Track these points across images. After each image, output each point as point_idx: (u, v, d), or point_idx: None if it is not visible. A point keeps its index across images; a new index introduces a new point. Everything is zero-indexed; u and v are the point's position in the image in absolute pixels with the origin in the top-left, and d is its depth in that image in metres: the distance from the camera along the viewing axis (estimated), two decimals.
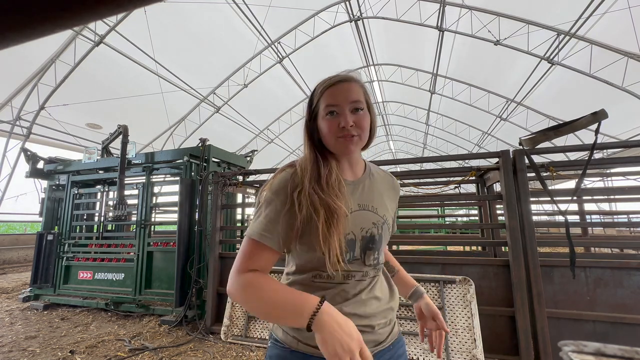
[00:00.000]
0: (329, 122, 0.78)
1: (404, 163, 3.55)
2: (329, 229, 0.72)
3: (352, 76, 0.82)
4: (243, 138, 13.57)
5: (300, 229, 0.75)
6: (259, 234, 0.74)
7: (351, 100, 0.78)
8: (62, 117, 8.37)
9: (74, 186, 4.74)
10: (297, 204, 0.74)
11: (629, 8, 6.18)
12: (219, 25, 8.24)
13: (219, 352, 2.80)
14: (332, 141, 0.79)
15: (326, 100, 0.79)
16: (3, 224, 10.96)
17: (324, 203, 0.73)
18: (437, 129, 15.78)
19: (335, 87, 0.79)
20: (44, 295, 4.47)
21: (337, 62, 11.63)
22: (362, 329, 0.77)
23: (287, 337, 0.79)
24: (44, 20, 0.20)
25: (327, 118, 0.78)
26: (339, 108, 0.77)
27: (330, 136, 0.78)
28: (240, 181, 3.71)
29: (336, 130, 0.77)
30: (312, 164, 0.78)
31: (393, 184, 0.94)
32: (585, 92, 8.57)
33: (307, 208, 0.74)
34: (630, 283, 2.34)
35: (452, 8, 7.98)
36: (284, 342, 0.79)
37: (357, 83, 0.81)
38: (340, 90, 0.78)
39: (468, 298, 2.55)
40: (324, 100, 0.79)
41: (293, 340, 0.78)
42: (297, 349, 0.77)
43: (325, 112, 0.79)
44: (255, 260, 0.75)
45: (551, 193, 2.49)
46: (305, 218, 0.74)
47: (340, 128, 0.77)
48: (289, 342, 0.78)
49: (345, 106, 0.77)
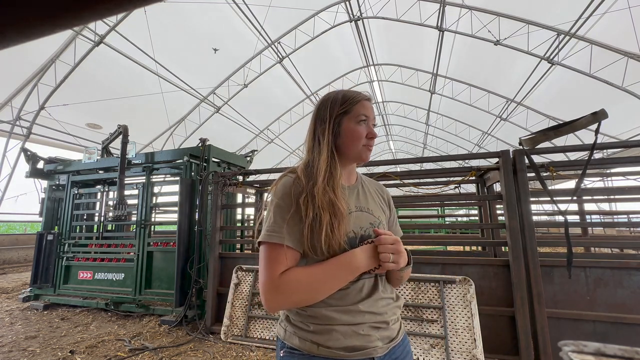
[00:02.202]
0: (361, 129, 0.86)
1: (404, 163, 3.55)
2: (332, 228, 0.76)
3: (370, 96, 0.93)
4: (243, 138, 13.57)
5: (309, 234, 0.77)
6: (273, 236, 0.77)
7: (374, 117, 0.90)
8: (62, 117, 8.37)
9: (74, 186, 4.73)
10: (303, 209, 0.78)
11: (629, 8, 6.18)
12: (219, 25, 8.24)
13: (219, 352, 2.80)
14: (358, 147, 0.87)
15: (361, 108, 0.87)
16: (3, 224, 10.96)
17: (333, 202, 0.78)
18: (437, 129, 15.78)
19: (367, 102, 0.89)
20: (44, 295, 4.46)
21: (337, 62, 11.64)
22: (379, 325, 0.80)
23: (304, 343, 0.78)
24: (44, 20, 0.20)
25: (360, 125, 0.86)
26: (369, 120, 0.88)
27: (358, 142, 0.86)
28: (240, 181, 3.71)
29: (364, 139, 0.86)
30: (327, 165, 0.83)
31: (382, 190, 1.01)
32: (585, 92, 8.57)
33: (313, 209, 0.77)
34: (630, 283, 2.34)
35: (452, 8, 7.98)
36: (302, 349, 0.78)
37: None
38: (370, 106, 0.90)
39: (468, 298, 2.55)
40: (359, 107, 0.87)
41: (313, 345, 0.77)
42: (318, 354, 0.77)
43: (358, 118, 0.86)
44: (281, 262, 0.76)
45: (551, 193, 2.49)
46: (312, 220, 0.76)
47: (367, 138, 0.87)
48: (308, 348, 0.78)
49: (372, 120, 0.89)
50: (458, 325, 2.50)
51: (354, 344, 0.76)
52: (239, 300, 3.21)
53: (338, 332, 0.76)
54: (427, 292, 2.69)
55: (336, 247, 0.77)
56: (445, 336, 2.47)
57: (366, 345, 0.77)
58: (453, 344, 2.46)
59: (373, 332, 0.79)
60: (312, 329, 0.78)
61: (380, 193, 0.99)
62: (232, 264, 3.43)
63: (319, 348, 0.76)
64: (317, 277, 0.75)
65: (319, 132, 0.87)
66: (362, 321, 0.78)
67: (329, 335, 0.76)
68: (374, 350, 0.78)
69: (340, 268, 0.75)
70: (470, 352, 2.38)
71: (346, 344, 0.76)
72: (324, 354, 0.76)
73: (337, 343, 0.76)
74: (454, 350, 2.43)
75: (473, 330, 2.44)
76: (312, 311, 0.78)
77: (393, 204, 1.01)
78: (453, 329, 2.50)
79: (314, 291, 0.74)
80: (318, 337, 0.77)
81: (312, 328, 0.78)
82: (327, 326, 0.77)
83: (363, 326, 0.78)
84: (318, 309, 0.78)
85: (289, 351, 0.81)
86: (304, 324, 0.79)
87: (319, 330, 0.77)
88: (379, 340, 0.79)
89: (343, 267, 0.75)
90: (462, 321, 2.51)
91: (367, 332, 0.78)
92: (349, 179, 0.93)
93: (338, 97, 0.88)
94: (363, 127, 0.86)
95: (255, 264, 3.41)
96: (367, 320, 0.79)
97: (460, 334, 2.47)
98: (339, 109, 0.87)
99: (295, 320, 0.81)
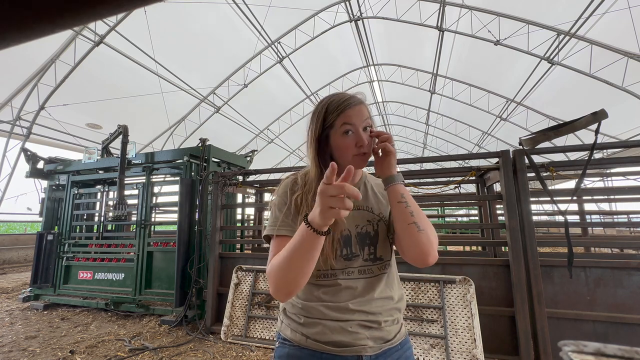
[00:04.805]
0: (347, 140, 0.83)
1: (404, 163, 3.55)
2: None
3: (362, 99, 0.88)
4: (243, 138, 13.57)
5: None
6: (270, 229, 0.82)
7: (363, 120, 0.84)
8: (62, 117, 8.37)
9: (74, 186, 4.74)
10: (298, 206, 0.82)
11: (629, 8, 6.18)
12: (219, 25, 8.24)
13: (219, 352, 2.80)
14: (348, 158, 0.84)
15: (343, 119, 0.83)
16: (3, 224, 10.96)
17: None
18: (437, 129, 15.77)
19: (353, 108, 0.84)
20: (44, 295, 4.47)
21: (337, 62, 11.63)
22: (370, 324, 0.80)
23: (295, 335, 0.82)
24: (44, 20, 0.20)
25: (345, 136, 0.83)
26: (355, 127, 0.83)
27: (347, 154, 0.83)
28: (240, 181, 3.71)
29: (353, 149, 0.83)
30: (317, 181, 0.82)
31: None
32: (585, 92, 8.57)
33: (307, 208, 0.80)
34: (630, 283, 2.34)
35: (452, 8, 7.98)
36: (293, 340, 0.82)
37: (365, 105, 0.87)
38: (356, 112, 0.84)
39: (468, 298, 2.55)
40: (342, 119, 0.83)
41: (302, 337, 0.80)
42: (306, 346, 0.80)
43: (342, 130, 0.83)
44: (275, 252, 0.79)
45: (551, 193, 2.49)
46: None
47: (357, 147, 0.82)
48: (298, 339, 0.81)
49: (359, 126, 0.83)
50: (458, 325, 2.50)
51: (341, 340, 0.77)
52: (239, 300, 3.21)
53: (325, 326, 0.78)
54: (427, 292, 2.69)
55: (329, 246, 0.79)
56: (445, 336, 2.47)
57: (354, 343, 0.78)
58: (453, 344, 2.46)
59: (362, 330, 0.79)
60: (302, 322, 0.81)
61: None
62: (232, 264, 3.43)
63: (307, 340, 0.79)
64: (283, 254, 0.71)
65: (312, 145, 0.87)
66: (350, 318, 0.79)
67: (317, 329, 0.78)
68: (362, 349, 0.78)
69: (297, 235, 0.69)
70: (470, 352, 2.38)
71: (333, 338, 0.78)
72: (311, 346, 0.79)
73: (324, 337, 0.78)
74: (454, 350, 2.43)
75: (473, 330, 2.44)
76: (305, 304, 0.81)
77: None
78: (453, 329, 2.50)
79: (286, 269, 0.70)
80: (307, 330, 0.80)
81: (303, 321, 0.81)
82: (316, 320, 0.79)
83: (351, 323, 0.79)
84: (310, 303, 0.81)
85: (281, 342, 0.85)
86: (296, 316, 0.83)
87: (308, 323, 0.80)
88: (369, 340, 0.79)
89: (299, 233, 0.68)
90: (462, 321, 2.51)
91: (356, 330, 0.78)
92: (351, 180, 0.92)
93: (322, 112, 0.85)
94: (350, 138, 0.82)
95: (255, 263, 3.42)
96: (356, 318, 0.79)
97: (460, 334, 2.47)
98: (322, 126, 0.85)
99: (290, 312, 0.85)
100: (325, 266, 0.80)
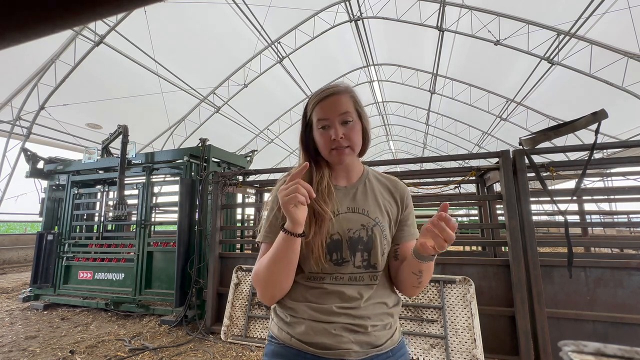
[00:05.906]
0: (322, 135, 0.83)
1: (404, 163, 3.55)
2: (312, 230, 0.78)
3: (341, 88, 0.85)
4: (243, 138, 13.56)
5: None
6: (263, 235, 0.84)
7: (340, 113, 0.81)
8: (62, 117, 8.36)
9: (74, 186, 4.73)
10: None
11: (629, 8, 6.18)
12: (219, 25, 8.23)
13: (219, 352, 2.80)
14: (326, 153, 0.84)
15: (317, 114, 0.83)
16: (3, 224, 10.95)
17: (310, 207, 0.78)
18: (437, 129, 15.77)
19: (325, 101, 0.82)
20: (44, 295, 4.46)
21: (337, 62, 11.63)
22: (354, 327, 0.77)
23: (281, 333, 0.82)
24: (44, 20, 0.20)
25: (320, 132, 0.83)
26: (330, 121, 0.82)
27: (324, 148, 0.84)
28: (240, 181, 3.71)
29: (329, 143, 0.82)
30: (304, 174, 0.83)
31: (394, 187, 0.93)
32: (585, 92, 8.56)
33: None
34: (630, 283, 2.34)
35: (452, 8, 7.97)
36: (279, 338, 0.82)
37: (346, 94, 0.84)
38: (330, 104, 0.82)
39: (468, 298, 2.55)
40: (316, 114, 0.84)
41: (287, 336, 0.80)
42: (290, 345, 0.79)
43: (317, 125, 0.83)
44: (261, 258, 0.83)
45: (551, 193, 2.49)
46: None
47: (332, 141, 0.81)
48: (283, 338, 0.81)
49: (335, 119, 0.81)
50: (458, 325, 2.50)
51: (324, 342, 0.76)
52: (239, 300, 3.21)
53: (309, 327, 0.77)
54: (427, 292, 2.69)
55: (317, 249, 0.78)
56: (445, 336, 2.47)
57: (337, 346, 0.75)
58: (453, 344, 2.46)
59: (346, 333, 0.76)
60: (288, 321, 0.81)
61: (392, 191, 0.91)
62: (232, 264, 3.43)
63: (292, 339, 0.79)
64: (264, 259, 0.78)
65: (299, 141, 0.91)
66: (335, 320, 0.77)
67: (301, 329, 0.78)
68: (346, 352, 0.75)
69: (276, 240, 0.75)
70: (470, 352, 2.38)
71: (316, 340, 0.76)
72: (295, 346, 0.78)
73: (307, 337, 0.77)
74: (454, 350, 2.43)
75: (473, 330, 2.44)
76: (292, 304, 0.81)
77: (410, 202, 0.91)
78: (453, 329, 2.50)
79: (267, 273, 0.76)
80: (292, 329, 0.80)
81: (289, 320, 0.81)
82: (300, 319, 0.79)
83: (335, 325, 0.76)
84: (296, 303, 0.81)
85: (270, 339, 0.85)
86: (283, 314, 0.83)
87: (293, 322, 0.80)
88: (354, 344, 0.76)
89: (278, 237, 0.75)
90: (462, 321, 2.51)
91: (339, 333, 0.76)
92: (347, 179, 0.90)
93: (304, 109, 0.88)
94: (327, 133, 0.81)
95: (255, 264, 3.41)
96: (341, 320, 0.77)
97: (460, 334, 2.47)
98: (307, 118, 0.87)
99: (279, 311, 0.85)
100: (317, 268, 0.79)
